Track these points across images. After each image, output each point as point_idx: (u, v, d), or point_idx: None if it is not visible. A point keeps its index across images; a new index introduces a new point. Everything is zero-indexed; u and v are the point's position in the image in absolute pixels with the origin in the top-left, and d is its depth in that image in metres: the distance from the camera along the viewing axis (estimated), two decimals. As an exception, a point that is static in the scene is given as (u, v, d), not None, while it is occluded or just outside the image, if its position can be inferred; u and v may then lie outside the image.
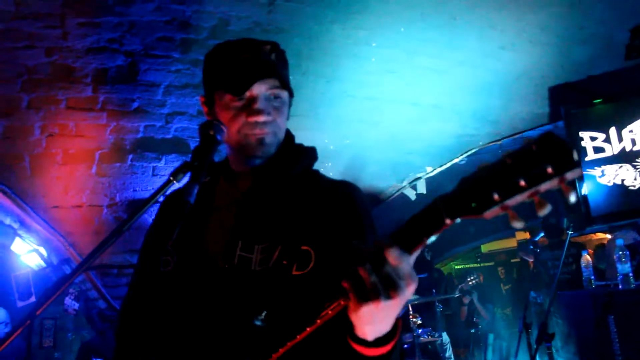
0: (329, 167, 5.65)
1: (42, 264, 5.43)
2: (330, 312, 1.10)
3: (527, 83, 4.90)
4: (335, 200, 1.47)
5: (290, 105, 1.56)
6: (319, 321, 1.11)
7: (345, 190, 1.51)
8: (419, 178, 5.95)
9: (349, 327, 1.12)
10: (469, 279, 8.69)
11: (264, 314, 1.29)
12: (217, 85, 1.50)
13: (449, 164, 5.81)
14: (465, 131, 5.42)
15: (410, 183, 6.05)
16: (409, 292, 1.00)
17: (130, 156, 4.86)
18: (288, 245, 1.39)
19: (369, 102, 5.01)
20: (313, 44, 4.30)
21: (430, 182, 6.00)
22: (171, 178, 1.28)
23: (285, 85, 1.49)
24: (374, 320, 1.06)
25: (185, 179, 1.30)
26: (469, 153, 5.61)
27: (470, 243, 11.07)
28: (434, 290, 7.04)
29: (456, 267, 14.71)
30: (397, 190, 6.13)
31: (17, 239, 5.24)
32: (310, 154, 1.61)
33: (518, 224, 0.93)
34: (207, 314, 1.37)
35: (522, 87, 4.95)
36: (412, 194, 5.95)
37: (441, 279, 9.10)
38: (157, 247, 1.56)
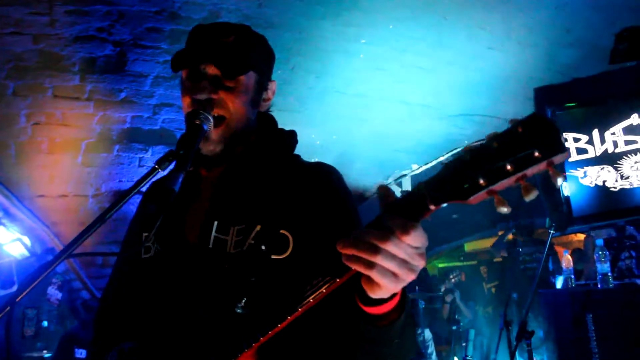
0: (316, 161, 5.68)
1: (26, 253, 5.38)
2: (324, 290, 1.09)
3: (514, 84, 4.95)
4: (315, 184, 1.46)
5: (262, 89, 1.56)
6: (311, 300, 1.11)
7: (325, 173, 1.51)
8: (405, 175, 6.00)
9: (360, 293, 1.09)
10: (451, 276, 8.79)
11: (244, 301, 1.28)
12: (178, 60, 1.50)
13: (434, 162, 5.85)
14: (452, 130, 5.46)
15: (395, 180, 6.09)
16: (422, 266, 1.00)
17: (117, 147, 4.85)
18: (265, 228, 1.38)
19: (358, 99, 5.03)
20: (303, 40, 4.31)
21: (416, 179, 6.04)
22: (156, 166, 1.28)
23: (239, 68, 1.46)
24: (385, 291, 1.03)
25: (170, 168, 1.31)
26: (454, 152, 5.66)
27: (454, 242, 11.14)
28: (417, 288, 7.10)
29: (439, 265, 14.80)
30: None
31: (1, 227, 5.20)
32: (290, 137, 1.61)
33: (504, 209, 0.91)
34: (187, 300, 1.37)
35: (509, 87, 5.00)
36: (397, 191, 5.99)
37: (425, 277, 9.16)
38: (139, 234, 1.56)
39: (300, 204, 1.41)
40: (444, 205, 0.95)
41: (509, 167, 0.87)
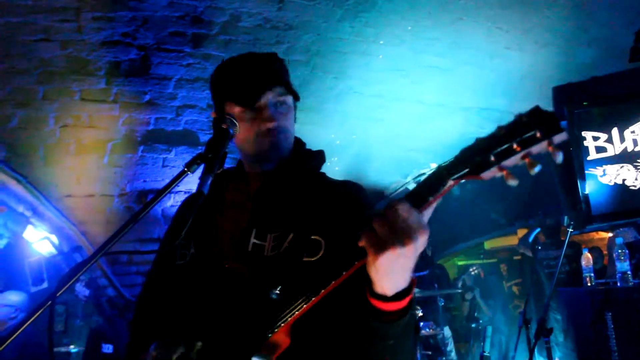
0: (335, 161, 5.75)
1: (54, 251, 5.55)
2: (345, 273, 1.20)
3: (531, 83, 4.97)
4: (342, 197, 1.57)
5: (295, 108, 1.67)
6: (334, 282, 1.22)
7: (351, 188, 1.62)
8: (423, 174, 6.03)
9: (368, 285, 1.20)
10: (470, 269, 8.79)
11: (279, 288, 1.36)
12: (227, 98, 1.60)
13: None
14: (469, 129, 5.49)
15: (414, 179, 6.13)
16: (421, 241, 1.09)
17: (141, 147, 4.97)
18: (299, 234, 1.49)
19: (376, 99, 5.10)
20: (321, 41, 4.39)
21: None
22: (185, 169, 1.37)
23: (289, 91, 1.60)
24: (392, 270, 1.14)
25: (199, 170, 1.38)
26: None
27: (473, 239, 11.13)
28: (435, 285, 7.12)
29: (459, 263, 14.78)
30: (401, 186, 6.22)
31: (30, 226, 5.36)
32: (318, 157, 1.72)
33: (513, 182, 1.06)
34: (224, 299, 1.46)
35: (526, 86, 5.01)
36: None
37: (444, 275, 9.17)
38: (172, 241, 1.65)
39: (331, 214, 1.52)
40: (462, 180, 1.10)
41: (515, 146, 1.03)
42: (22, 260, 5.76)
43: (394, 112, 5.29)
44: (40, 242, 5.50)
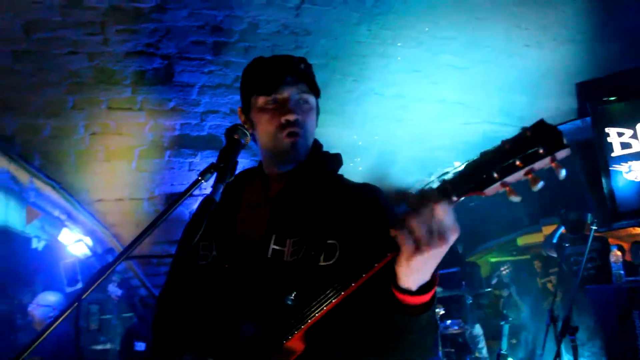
0: (358, 162, 5.81)
1: (88, 253, 5.76)
2: (377, 265, 1.26)
3: (553, 80, 4.94)
4: (360, 200, 1.61)
5: (318, 111, 1.73)
6: (365, 275, 1.28)
7: (369, 191, 1.66)
8: (447, 173, 6.05)
9: (392, 279, 1.26)
10: (502, 268, 8.71)
11: (294, 294, 1.42)
12: (253, 90, 1.67)
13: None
14: (491, 127, 5.48)
15: (438, 178, 6.15)
16: (452, 240, 1.16)
17: (168, 152, 5.13)
18: (316, 238, 1.53)
19: (396, 100, 5.14)
20: (339, 45, 4.46)
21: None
22: (199, 177, 1.43)
23: (313, 90, 1.66)
24: (423, 268, 1.21)
25: (213, 178, 1.45)
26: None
27: (505, 236, 11.03)
28: (463, 283, 7.11)
29: (492, 260, 14.60)
30: (425, 185, 6.24)
31: (65, 229, 5.58)
32: (336, 160, 1.76)
33: (515, 198, 1.09)
34: (243, 301, 1.52)
35: (548, 83, 4.99)
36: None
37: (474, 272, 9.11)
38: (190, 243, 1.71)
39: (347, 217, 1.56)
40: (464, 197, 1.15)
41: (518, 162, 1.05)
42: (58, 261, 5.99)
43: (415, 112, 5.33)
44: (75, 244, 5.72)
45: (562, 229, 6.16)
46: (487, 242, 11.22)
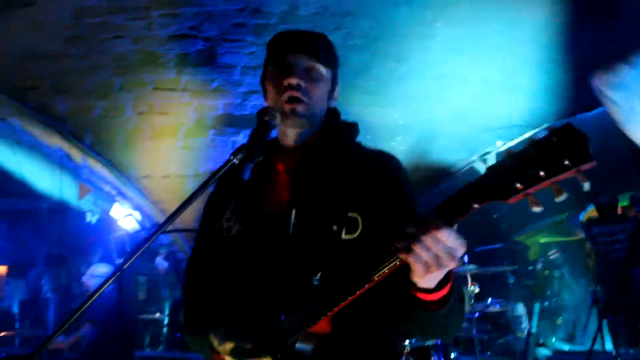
0: (399, 141, 5.82)
1: (137, 227, 6.03)
2: (387, 271, 1.29)
3: (599, 58, 4.78)
4: (377, 170, 1.63)
5: (334, 83, 1.73)
6: (376, 278, 1.31)
7: (385, 160, 1.68)
8: (489, 152, 5.98)
9: (410, 282, 1.30)
10: (549, 253, 8.54)
11: (319, 274, 1.46)
12: (266, 61, 1.72)
13: (520, 139, 5.78)
14: (536, 105, 5.37)
15: (480, 157, 6.09)
16: (460, 255, 1.20)
17: (212, 131, 5.27)
18: (337, 212, 1.54)
19: (438, 80, 5.09)
20: (380, 26, 4.45)
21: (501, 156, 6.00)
22: (232, 157, 1.47)
23: (326, 61, 1.66)
24: (436, 278, 1.27)
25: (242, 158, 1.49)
26: (542, 127, 5.56)
27: (555, 216, 10.78)
28: (505, 262, 7.04)
29: (541, 240, 14.29)
30: (467, 164, 6.20)
31: (116, 204, 5.85)
32: (353, 128, 1.77)
33: (537, 209, 1.08)
34: (268, 277, 1.57)
35: (594, 62, 4.83)
36: (482, 168, 5.98)
37: (519, 251, 8.98)
38: (217, 215, 1.70)
39: (366, 189, 1.58)
40: (485, 204, 1.14)
41: (542, 173, 1.03)
42: (109, 235, 6.29)
43: (458, 92, 5.27)
44: (125, 218, 5.99)
45: (592, 207, 6.02)
46: (536, 222, 10.99)
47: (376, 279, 1.30)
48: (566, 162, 0.99)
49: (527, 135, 5.75)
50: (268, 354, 1.48)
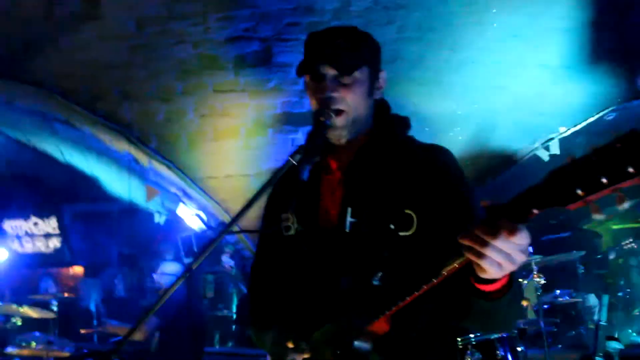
0: (457, 131, 5.74)
1: (203, 226, 6.22)
2: (452, 269, 1.30)
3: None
4: (430, 165, 1.63)
5: (373, 78, 1.71)
6: (441, 277, 1.32)
7: (439, 154, 1.68)
8: (552, 139, 5.81)
9: (472, 273, 1.31)
10: (623, 243, 8.21)
11: (379, 274, 1.50)
12: (301, 66, 1.72)
13: (584, 124, 5.60)
14: (600, 89, 5.19)
15: (542, 144, 5.93)
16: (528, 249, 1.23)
17: (271, 130, 5.37)
18: (392, 210, 1.56)
19: (495, 66, 5.00)
20: (433, 16, 4.43)
21: (564, 142, 5.82)
22: (290, 159, 1.52)
23: (356, 61, 1.64)
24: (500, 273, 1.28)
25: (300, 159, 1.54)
26: (605, 111, 5.36)
27: (629, 201, 10.31)
28: (574, 251, 6.82)
29: (613, 227, 13.72)
30: (530, 152, 6.04)
31: (181, 204, 6.06)
32: (404, 122, 1.78)
33: (598, 216, 1.08)
34: (327, 275, 1.59)
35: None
36: (545, 155, 5.83)
37: (589, 239, 8.67)
38: (277, 214, 1.74)
39: (420, 185, 1.59)
40: (545, 210, 1.13)
41: (604, 180, 0.99)
42: (177, 234, 6.52)
43: (516, 79, 5.15)
44: (191, 218, 6.19)
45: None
46: (607, 208, 10.53)
47: (440, 277, 1.32)
48: (630, 170, 0.96)
49: (590, 120, 5.56)
50: (327, 350, 1.53)
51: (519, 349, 4.56)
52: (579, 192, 1.02)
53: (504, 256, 1.20)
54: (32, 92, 4.53)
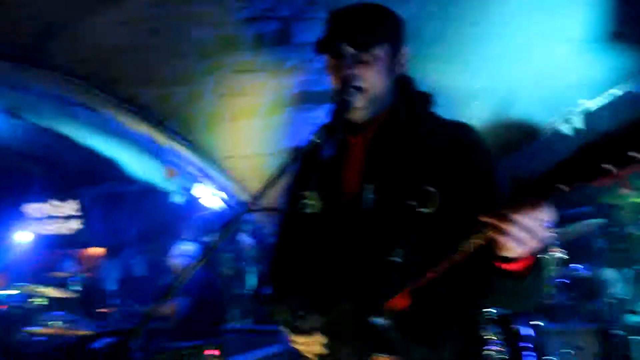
0: (477, 105, 5.68)
1: (222, 205, 6.26)
2: (478, 242, 1.30)
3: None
4: (452, 141, 1.61)
5: (395, 54, 1.70)
6: (465, 249, 1.32)
7: (461, 130, 1.67)
8: (573, 112, 5.73)
9: (495, 251, 1.31)
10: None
11: (400, 251, 1.49)
12: (320, 44, 1.70)
13: (603, 96, 5.49)
14: (620, 62, 5.08)
15: (565, 119, 5.84)
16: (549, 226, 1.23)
17: (290, 109, 5.34)
18: (413, 186, 1.54)
19: (517, 40, 4.92)
20: (454, -10, 4.34)
21: (589, 116, 5.73)
22: (313, 137, 1.53)
23: (377, 38, 1.64)
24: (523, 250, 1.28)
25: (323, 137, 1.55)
26: (627, 84, 5.26)
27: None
28: (594, 225, 6.76)
29: (636, 200, 13.55)
30: (551, 125, 5.97)
31: (200, 184, 6.09)
32: (426, 98, 1.75)
33: (627, 191, 1.09)
34: (347, 252, 1.60)
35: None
36: (568, 130, 5.76)
37: (610, 213, 8.58)
38: (299, 193, 1.78)
39: (442, 161, 1.57)
40: (574, 186, 1.11)
41: (634, 155, 0.98)
42: (196, 214, 6.56)
43: (539, 52, 5.07)
44: (209, 198, 6.23)
45: None
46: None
47: (461, 254, 1.32)
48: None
49: (611, 91, 5.47)
50: (345, 326, 1.54)
51: (538, 323, 4.58)
52: (608, 167, 1.01)
53: (526, 232, 1.20)
54: (51, 76, 4.52)
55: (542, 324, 4.74)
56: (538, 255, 1.33)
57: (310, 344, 1.62)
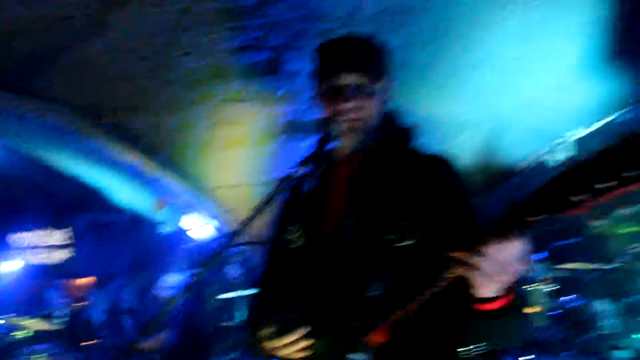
0: (467, 137, 5.71)
1: (212, 236, 6.21)
2: (451, 277, 1.29)
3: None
4: (431, 176, 1.62)
5: (384, 90, 1.72)
6: (436, 287, 1.32)
7: (439, 165, 1.66)
8: (559, 144, 5.76)
9: (468, 291, 1.30)
10: (632, 246, 8.14)
11: (378, 285, 1.49)
12: (316, 74, 1.72)
13: (597, 126, 5.54)
14: (614, 91, 5.13)
15: (551, 148, 5.87)
16: (523, 263, 1.21)
17: (280, 138, 5.35)
18: (393, 220, 1.55)
19: (507, 69, 4.98)
20: (443, 20, 4.39)
21: (577, 144, 5.76)
22: (295, 170, 1.53)
23: (373, 73, 1.66)
24: (495, 288, 1.27)
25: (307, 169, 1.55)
26: (617, 114, 5.32)
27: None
28: (583, 258, 6.77)
29: (623, 231, 13.55)
30: (538, 157, 6.00)
31: (189, 215, 6.06)
32: (408, 133, 1.76)
33: (595, 222, 1.07)
34: (329, 285, 1.60)
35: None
36: (553, 160, 5.78)
37: (598, 244, 8.59)
38: (284, 226, 1.79)
39: (420, 196, 1.58)
40: (542, 218, 1.08)
41: (599, 186, 0.96)
42: (185, 244, 6.50)
43: (528, 81, 5.13)
44: (198, 229, 6.19)
45: None
46: (616, 212, 10.43)
47: (436, 288, 1.31)
48: (626, 175, 0.92)
49: (600, 123, 5.52)
50: None
51: (528, 357, 4.52)
52: (574, 199, 0.98)
53: (497, 267, 1.19)
54: (43, 105, 4.51)
55: (532, 357, 4.69)
56: (516, 292, 1.32)
57: (294, 344, 1.58)
